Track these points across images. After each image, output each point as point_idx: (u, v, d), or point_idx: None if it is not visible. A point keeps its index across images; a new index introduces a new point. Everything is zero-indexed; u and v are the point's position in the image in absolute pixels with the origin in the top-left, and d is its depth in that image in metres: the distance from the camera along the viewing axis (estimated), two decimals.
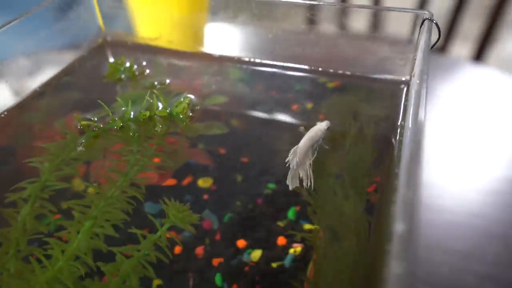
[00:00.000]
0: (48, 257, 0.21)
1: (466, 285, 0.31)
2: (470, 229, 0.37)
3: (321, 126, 0.28)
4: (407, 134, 0.20)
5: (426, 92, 0.22)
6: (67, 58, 0.33)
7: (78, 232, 0.22)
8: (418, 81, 0.23)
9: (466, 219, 0.38)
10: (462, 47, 1.18)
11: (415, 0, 0.91)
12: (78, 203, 0.23)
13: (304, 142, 0.27)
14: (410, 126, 0.20)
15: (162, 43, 0.35)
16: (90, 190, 0.25)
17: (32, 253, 0.22)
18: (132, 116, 0.27)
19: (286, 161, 0.27)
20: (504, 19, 0.88)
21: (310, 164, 0.27)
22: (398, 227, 0.15)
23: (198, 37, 0.36)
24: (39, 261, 0.21)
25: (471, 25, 1.12)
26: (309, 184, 0.26)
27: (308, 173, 0.26)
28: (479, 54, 0.87)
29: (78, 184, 0.25)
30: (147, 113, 0.26)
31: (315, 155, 0.27)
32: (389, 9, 0.28)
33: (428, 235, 0.35)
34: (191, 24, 0.34)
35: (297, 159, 0.26)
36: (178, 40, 0.35)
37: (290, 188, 0.26)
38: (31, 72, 0.31)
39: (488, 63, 0.89)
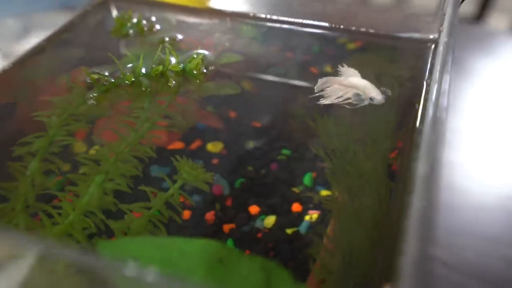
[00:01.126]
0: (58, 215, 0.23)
1: (493, 270, 0.33)
2: (498, 212, 0.39)
3: (374, 93, 0.29)
4: (433, 91, 0.22)
5: (454, 48, 0.24)
6: (69, 13, 0.36)
7: (89, 187, 0.24)
8: (446, 38, 0.24)
9: (495, 201, 0.40)
10: (500, 19, 1.18)
11: None
12: (88, 157, 0.25)
13: (359, 81, 0.29)
14: (436, 82, 0.21)
15: None
16: (96, 147, 0.27)
17: (41, 209, 0.24)
18: (143, 71, 0.29)
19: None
20: None
21: (338, 97, 0.29)
22: (421, 169, 0.17)
23: None
24: (49, 216, 0.23)
25: None
26: (323, 102, 0.29)
27: (333, 98, 0.29)
28: None
29: (84, 141, 0.27)
30: (160, 68, 0.28)
31: (341, 100, 0.30)
32: None
33: (452, 218, 0.37)
34: None
35: (341, 80, 0.29)
36: None
37: (316, 88, 0.30)
38: (30, 29, 0.33)
39: None
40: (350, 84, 0.29)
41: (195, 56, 0.30)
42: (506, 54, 0.62)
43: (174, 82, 0.29)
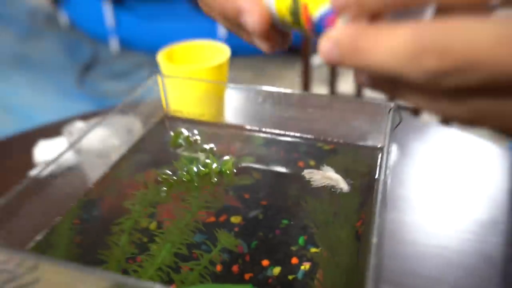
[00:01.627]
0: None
1: None
2: (439, 258, 0.45)
3: (343, 185, 0.36)
4: (379, 187, 0.29)
5: (389, 160, 0.31)
6: (139, 129, 0.43)
7: (161, 252, 0.30)
8: (385, 155, 0.32)
9: (436, 249, 0.46)
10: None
11: None
12: (160, 232, 0.31)
13: (334, 174, 0.37)
14: (380, 181, 0.29)
15: (207, 118, 0.46)
16: (154, 223, 0.34)
17: (129, 268, 0.30)
18: (195, 171, 0.36)
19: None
20: None
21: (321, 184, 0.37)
22: (374, 240, 0.24)
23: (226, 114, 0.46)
24: (135, 272, 0.29)
25: None
26: (313, 186, 0.37)
27: (318, 183, 0.37)
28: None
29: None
30: (206, 171, 0.36)
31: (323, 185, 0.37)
32: (365, 100, 0.38)
33: (404, 264, 0.44)
34: (221, 103, 0.45)
35: (323, 173, 0.37)
36: (218, 116, 0.45)
37: (304, 175, 0.38)
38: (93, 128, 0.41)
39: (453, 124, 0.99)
40: (328, 176, 0.36)
41: (227, 162, 0.37)
42: (437, 139, 0.69)
43: (215, 179, 0.36)
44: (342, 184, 0.35)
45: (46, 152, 0.68)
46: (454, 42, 0.16)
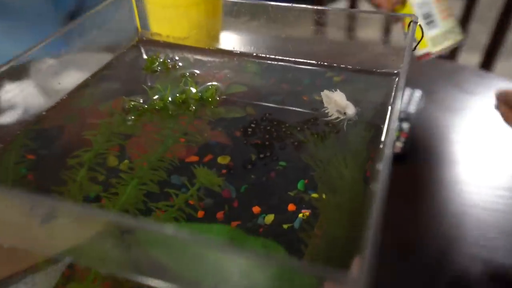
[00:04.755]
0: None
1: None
2: (465, 218, 0.43)
3: (350, 112, 0.33)
4: (391, 118, 0.26)
5: (405, 84, 0.28)
6: (108, 55, 0.41)
7: (126, 189, 0.28)
8: (402, 78, 0.29)
9: (463, 209, 0.44)
10: (471, 57, 1.24)
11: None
12: (127, 165, 0.29)
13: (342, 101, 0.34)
14: (392, 112, 0.26)
15: (190, 42, 0.43)
16: (126, 162, 0.31)
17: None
18: (170, 99, 0.34)
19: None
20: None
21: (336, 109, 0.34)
22: (382, 174, 0.21)
23: (219, 37, 0.44)
24: None
25: (480, 35, 1.18)
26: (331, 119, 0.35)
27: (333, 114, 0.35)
28: (487, 64, 0.93)
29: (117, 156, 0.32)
30: (183, 96, 0.33)
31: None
32: (382, 13, 0.35)
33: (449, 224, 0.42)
34: (213, 26, 0.42)
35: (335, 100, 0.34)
36: (203, 40, 0.42)
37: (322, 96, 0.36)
38: (78, 68, 0.38)
39: (495, 73, 0.94)
40: (337, 103, 0.34)
41: (210, 87, 0.34)
42: (470, 86, 0.66)
43: (193, 107, 0.33)
44: (351, 111, 0.33)
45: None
46: None
